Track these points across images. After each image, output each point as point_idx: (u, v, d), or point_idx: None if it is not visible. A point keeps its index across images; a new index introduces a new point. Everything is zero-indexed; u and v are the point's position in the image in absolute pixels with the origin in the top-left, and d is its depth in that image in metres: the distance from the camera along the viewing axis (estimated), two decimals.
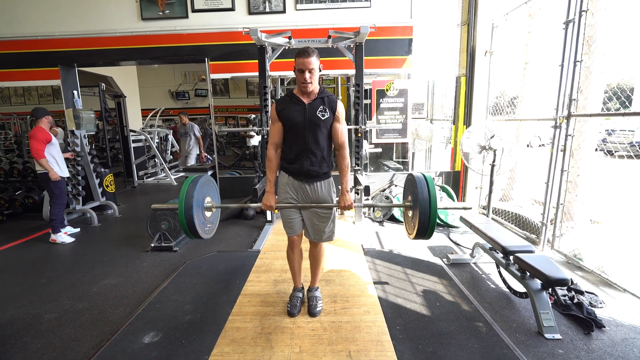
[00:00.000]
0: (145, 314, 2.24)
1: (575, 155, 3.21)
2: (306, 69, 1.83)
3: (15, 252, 3.55)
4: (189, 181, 1.94)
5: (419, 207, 1.82)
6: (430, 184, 1.84)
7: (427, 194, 1.81)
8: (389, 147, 5.18)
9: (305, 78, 1.85)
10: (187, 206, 1.84)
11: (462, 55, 4.61)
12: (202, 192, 2.00)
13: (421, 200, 1.81)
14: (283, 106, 1.95)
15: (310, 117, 1.91)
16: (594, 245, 3.00)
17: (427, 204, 1.80)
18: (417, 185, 1.85)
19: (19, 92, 11.58)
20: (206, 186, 2.08)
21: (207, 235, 2.07)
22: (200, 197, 1.97)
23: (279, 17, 4.61)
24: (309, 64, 1.83)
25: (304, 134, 1.94)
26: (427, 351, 1.84)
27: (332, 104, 1.94)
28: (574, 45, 2.84)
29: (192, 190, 1.89)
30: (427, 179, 1.87)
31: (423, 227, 1.84)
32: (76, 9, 4.73)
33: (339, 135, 1.98)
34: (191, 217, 1.85)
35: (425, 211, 1.80)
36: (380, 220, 4.26)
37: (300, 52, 1.84)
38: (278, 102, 2.00)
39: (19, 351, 1.95)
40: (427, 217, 1.80)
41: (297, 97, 1.94)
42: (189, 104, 13.23)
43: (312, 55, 1.83)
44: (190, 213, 1.84)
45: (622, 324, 2.09)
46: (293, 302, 2.20)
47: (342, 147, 1.99)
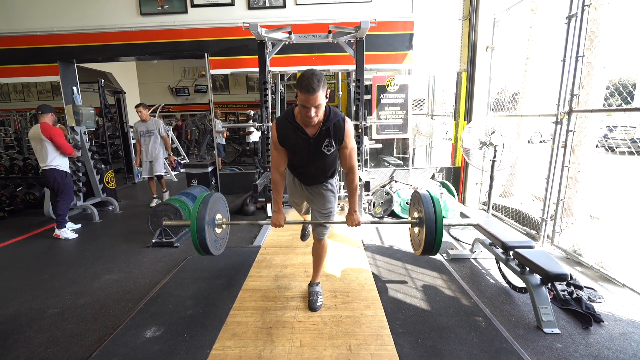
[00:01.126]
0: (147, 309, 2.26)
1: (576, 151, 3.20)
2: (311, 106, 1.62)
3: (17, 248, 3.56)
4: (199, 201, 1.99)
5: (426, 226, 1.85)
6: (436, 203, 1.86)
7: (434, 213, 1.84)
8: (390, 143, 5.18)
9: (311, 114, 1.64)
10: (199, 228, 1.89)
11: (463, 51, 4.58)
12: (213, 210, 2.06)
13: (428, 221, 1.84)
14: (285, 134, 1.79)
15: (314, 150, 1.81)
16: (593, 241, 3.01)
17: (434, 224, 1.82)
18: (424, 204, 1.88)
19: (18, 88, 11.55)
20: (217, 204, 2.14)
21: (218, 252, 2.12)
22: (211, 215, 2.04)
23: (279, 12, 4.58)
24: (314, 101, 1.60)
25: (311, 163, 1.89)
26: (427, 345, 1.86)
27: (339, 133, 1.78)
28: (576, 40, 2.82)
29: (203, 210, 1.93)
30: (433, 197, 1.89)
31: (429, 246, 1.87)
32: (75, 4, 4.70)
33: (347, 160, 1.89)
34: (203, 239, 1.92)
35: (431, 231, 1.83)
36: (380, 216, 4.27)
37: (304, 87, 1.57)
38: (279, 128, 1.80)
39: (22, 345, 1.97)
40: (433, 237, 1.84)
41: (301, 126, 1.76)
42: (188, 100, 13.20)
43: (318, 90, 1.58)
44: (203, 235, 1.91)
45: (621, 319, 2.10)
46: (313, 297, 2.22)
47: (350, 171, 1.91)
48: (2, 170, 5.03)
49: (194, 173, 5.04)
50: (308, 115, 1.64)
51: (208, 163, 5.13)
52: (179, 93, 13.05)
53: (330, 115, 1.76)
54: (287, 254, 3.04)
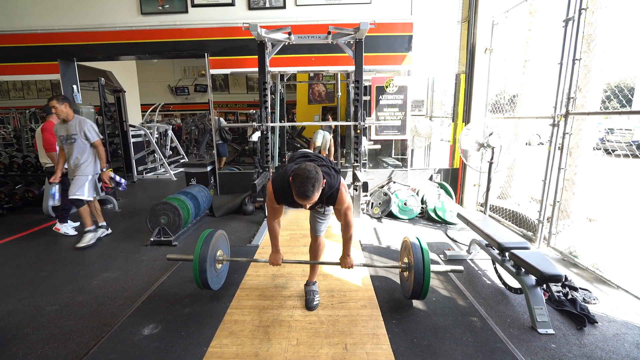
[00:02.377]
0: (145, 307, 2.27)
1: (573, 153, 3.23)
2: (307, 204, 1.68)
3: (16, 245, 3.56)
4: (202, 238, 2.19)
5: (414, 273, 2.03)
6: (424, 252, 2.06)
7: (422, 261, 2.03)
8: (388, 144, 5.20)
9: (306, 207, 1.72)
10: (201, 269, 2.13)
11: (462, 53, 4.61)
12: (215, 248, 2.25)
13: (416, 268, 2.03)
14: (281, 197, 1.84)
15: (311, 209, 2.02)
16: (589, 242, 3.03)
17: (422, 271, 2.01)
18: (414, 253, 2.07)
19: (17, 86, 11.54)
20: (218, 242, 2.32)
21: (217, 287, 2.32)
22: (212, 254, 2.22)
23: (279, 12, 4.60)
24: (310, 203, 1.65)
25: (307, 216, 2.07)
26: (422, 345, 1.87)
27: (332, 202, 1.87)
28: (573, 44, 2.84)
29: (205, 252, 2.14)
30: (422, 246, 2.09)
31: (417, 292, 2.05)
32: (76, 3, 4.71)
33: (342, 217, 1.99)
34: (205, 279, 2.15)
35: (419, 279, 2.02)
36: (378, 216, 4.28)
37: (299, 194, 1.60)
38: (276, 192, 1.84)
39: (20, 342, 1.98)
40: (420, 284, 2.02)
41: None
42: (188, 99, 13.21)
43: (311, 197, 1.61)
44: (205, 275, 2.14)
45: (615, 320, 2.12)
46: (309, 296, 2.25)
47: (346, 225, 2.01)
48: (1, 168, 5.03)
49: (192, 172, 5.05)
50: (304, 207, 1.72)
51: (207, 162, 5.14)
52: (178, 92, 13.07)
53: (325, 189, 1.77)
54: (284, 253, 3.02)
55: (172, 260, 2.55)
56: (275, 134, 4.62)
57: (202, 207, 4.11)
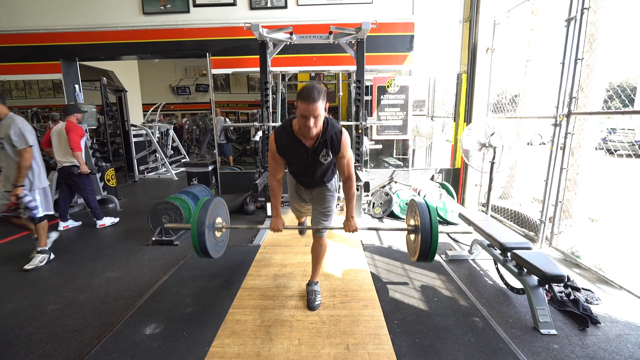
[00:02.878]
0: (147, 306, 2.27)
1: (575, 153, 3.22)
2: (311, 115, 1.64)
3: (17, 244, 3.58)
4: (200, 206, 2.04)
5: (421, 234, 1.92)
6: (432, 212, 1.93)
7: (429, 222, 1.90)
8: (390, 143, 5.19)
9: (310, 125, 1.66)
10: (199, 232, 1.96)
11: (464, 53, 4.60)
12: (213, 215, 2.12)
13: (423, 229, 1.91)
14: (284, 145, 1.85)
15: (312, 160, 1.86)
16: (591, 243, 3.02)
17: (429, 232, 1.89)
18: (420, 213, 1.94)
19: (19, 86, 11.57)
20: (217, 208, 2.19)
21: (217, 255, 2.17)
22: (211, 220, 2.09)
23: (281, 12, 4.60)
24: (314, 111, 1.62)
25: (309, 171, 1.95)
26: (424, 345, 1.87)
27: (336, 145, 1.83)
28: (576, 43, 2.83)
29: (203, 215, 1.99)
30: (429, 206, 1.96)
31: (424, 253, 1.93)
32: (78, 3, 4.72)
33: (345, 169, 1.94)
34: (203, 243, 1.98)
35: (426, 240, 1.90)
36: (379, 216, 4.28)
37: (304, 96, 1.61)
38: (277, 138, 1.85)
39: (22, 341, 1.98)
40: (428, 245, 1.90)
41: (299, 138, 1.81)
42: (189, 99, 13.22)
43: (318, 100, 1.61)
44: (203, 239, 1.97)
45: (617, 321, 2.12)
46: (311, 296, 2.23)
47: (349, 179, 1.97)
48: None
49: (194, 172, 5.05)
50: (307, 125, 1.67)
51: (208, 162, 5.14)
52: (180, 92, 13.08)
53: (328, 127, 1.80)
54: (286, 253, 3.05)
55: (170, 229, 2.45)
56: None
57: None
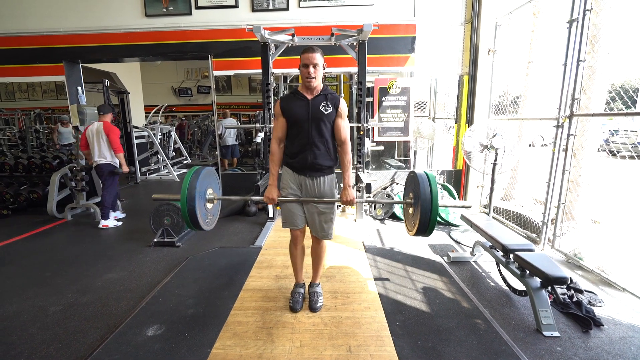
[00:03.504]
0: (149, 308, 2.27)
1: (577, 155, 3.21)
2: (310, 63, 1.91)
3: (20, 246, 3.59)
4: (191, 172, 1.95)
5: (421, 205, 1.83)
6: (432, 182, 1.85)
7: (429, 192, 1.82)
8: (391, 145, 5.19)
9: (310, 72, 1.92)
10: (189, 197, 1.85)
11: (465, 54, 4.60)
12: (204, 183, 2.01)
13: (423, 198, 1.82)
14: (287, 102, 2.03)
15: (313, 111, 1.98)
16: (594, 244, 3.01)
17: (429, 202, 1.81)
18: (420, 183, 1.86)
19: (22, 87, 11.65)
20: (208, 177, 2.08)
21: (208, 227, 2.07)
22: (202, 188, 1.98)
23: (283, 14, 4.61)
24: (313, 59, 1.91)
25: (307, 127, 1.99)
26: (427, 347, 1.87)
27: (335, 101, 2.01)
28: (577, 45, 2.83)
29: (194, 181, 1.90)
30: (429, 176, 1.88)
31: (424, 225, 1.85)
32: (80, 5, 4.75)
33: (341, 130, 2.03)
34: (193, 208, 1.86)
35: (426, 210, 1.81)
36: (381, 218, 4.27)
37: (306, 49, 1.95)
38: (282, 99, 2.07)
39: (25, 342, 1.99)
40: (428, 215, 1.81)
41: (301, 93, 2.02)
42: (191, 100, 13.26)
43: (317, 52, 1.93)
44: (193, 204, 1.86)
45: (621, 323, 2.10)
46: (295, 297, 2.23)
47: (344, 143, 2.04)
48: (6, 169, 5.07)
49: None
50: (307, 72, 1.91)
51: (210, 164, 5.15)
52: (181, 94, 13.11)
53: (327, 88, 2.05)
54: (288, 254, 3.03)
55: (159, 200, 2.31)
56: None
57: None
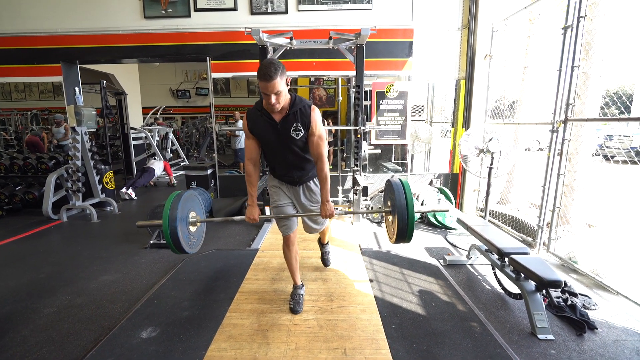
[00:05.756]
0: (144, 310, 2.26)
1: (572, 159, 3.24)
2: (271, 93, 1.65)
3: (15, 247, 3.56)
4: (172, 197, 1.96)
5: (397, 212, 1.87)
6: (407, 190, 1.88)
7: (405, 199, 1.86)
8: (388, 148, 5.21)
9: (272, 101, 1.68)
10: (171, 219, 1.86)
11: (462, 59, 4.64)
12: (186, 207, 2.03)
13: (399, 205, 1.86)
14: (254, 121, 1.84)
15: (284, 136, 1.83)
16: (589, 248, 3.03)
17: (405, 209, 1.85)
18: (395, 191, 1.90)
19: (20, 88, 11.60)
20: (190, 201, 2.09)
21: (191, 250, 2.08)
22: (184, 212, 2.00)
23: (281, 17, 4.64)
24: (273, 88, 1.63)
25: (284, 153, 1.90)
26: (422, 350, 1.87)
27: (305, 118, 1.81)
28: (572, 51, 2.87)
29: (175, 204, 1.91)
30: (404, 184, 1.92)
31: (402, 232, 1.89)
32: (79, 6, 4.75)
33: (314, 148, 1.89)
34: (175, 230, 1.86)
35: (403, 217, 1.85)
36: (378, 221, 4.28)
37: (261, 75, 1.61)
38: (249, 116, 1.86)
39: (17, 344, 1.97)
40: (405, 222, 1.85)
41: (268, 113, 1.82)
42: (189, 102, 13.26)
43: (275, 77, 1.61)
44: (174, 224, 1.86)
45: (615, 326, 2.12)
46: (295, 299, 2.22)
47: (318, 159, 1.92)
48: (1, 169, 5.04)
49: (193, 175, 5.05)
50: (269, 102, 1.69)
51: (207, 165, 5.14)
52: (180, 95, 13.12)
53: (295, 101, 1.81)
54: (281, 257, 3.04)
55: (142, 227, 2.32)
56: None
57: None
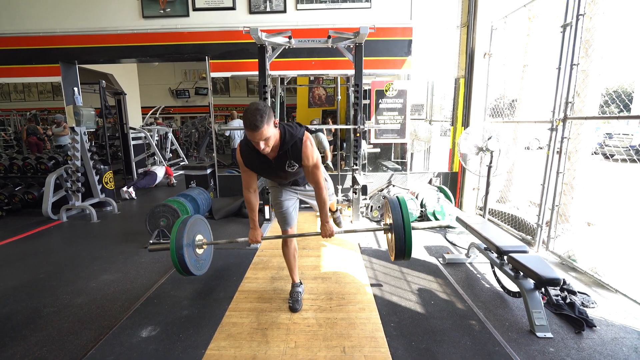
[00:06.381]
0: (144, 309, 2.27)
1: (571, 157, 3.24)
2: (259, 141, 1.64)
3: (15, 247, 3.57)
4: (178, 222, 2.07)
5: (394, 231, 1.89)
6: (403, 208, 1.91)
7: (401, 218, 1.88)
8: (388, 147, 5.21)
9: (260, 148, 1.67)
10: (177, 247, 1.96)
11: (461, 57, 4.64)
12: (192, 232, 2.12)
13: (396, 225, 1.89)
14: (249, 158, 1.84)
15: (279, 169, 1.87)
16: (588, 246, 3.03)
17: (402, 228, 1.88)
18: (391, 210, 1.93)
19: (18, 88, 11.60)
20: (196, 225, 2.19)
21: (199, 272, 2.17)
22: (190, 237, 2.09)
23: (280, 16, 4.63)
24: (260, 137, 1.61)
25: (280, 176, 1.96)
26: (420, 348, 1.87)
27: (298, 154, 1.81)
28: (571, 49, 2.87)
29: (181, 232, 2.01)
30: (400, 202, 1.94)
31: (400, 251, 1.92)
32: (77, 6, 4.74)
33: (310, 176, 1.91)
34: (182, 258, 1.97)
35: (400, 236, 1.88)
36: (377, 219, 4.28)
37: (247, 124, 1.59)
38: (242, 153, 1.85)
39: (18, 344, 1.98)
40: (402, 241, 1.88)
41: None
42: (189, 102, 13.25)
43: (261, 127, 1.58)
44: (181, 252, 1.97)
45: (613, 324, 2.12)
46: (294, 297, 2.23)
47: (316, 186, 1.94)
48: (1, 170, 5.04)
49: (192, 175, 5.05)
50: (258, 148, 1.67)
51: (207, 165, 5.15)
52: (179, 95, 13.12)
53: (286, 138, 1.77)
54: (280, 256, 3.05)
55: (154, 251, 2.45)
56: None
57: (202, 209, 4.12)
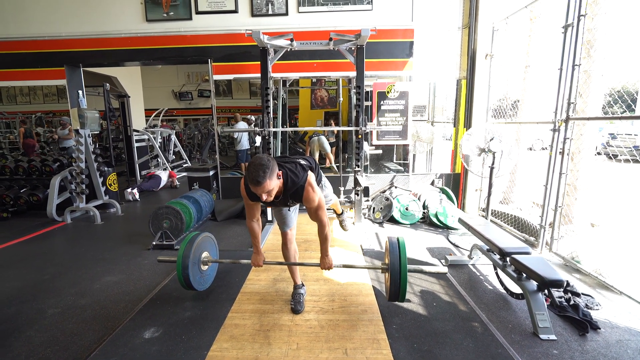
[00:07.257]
0: (146, 310, 2.28)
1: (574, 158, 3.22)
2: (263, 193, 1.68)
3: (20, 248, 3.60)
4: (186, 241, 2.24)
5: (391, 274, 1.93)
6: (402, 253, 1.94)
7: (398, 260, 1.92)
8: (390, 149, 5.22)
9: (263, 199, 1.73)
10: (183, 267, 2.16)
11: (463, 58, 4.64)
12: (198, 250, 2.28)
13: (392, 268, 1.93)
14: (253, 195, 1.85)
15: (282, 205, 2.03)
16: (592, 248, 3.01)
17: (398, 272, 1.91)
18: (390, 252, 1.96)
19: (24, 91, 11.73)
20: (203, 243, 2.35)
21: (201, 287, 2.35)
22: (196, 256, 2.27)
23: (282, 19, 4.66)
24: (263, 190, 1.66)
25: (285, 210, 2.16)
26: (423, 350, 1.87)
27: (299, 199, 1.92)
28: (573, 49, 2.86)
29: (188, 250, 2.18)
30: (399, 244, 1.98)
31: (394, 294, 1.97)
32: (82, 10, 4.80)
33: (313, 215, 2.00)
34: (187, 275, 2.18)
35: (395, 279, 1.92)
36: (380, 221, 4.28)
37: (251, 180, 1.63)
38: (247, 189, 1.87)
39: (23, 344, 1.99)
40: (397, 285, 1.92)
41: None
42: (192, 104, 13.34)
43: (264, 182, 1.63)
44: (187, 272, 2.17)
45: (617, 326, 2.10)
46: (296, 298, 2.24)
47: (320, 224, 2.00)
48: (6, 172, 5.09)
49: (195, 177, 5.08)
50: (261, 199, 1.74)
51: (210, 167, 5.17)
52: (182, 97, 13.20)
53: (288, 185, 1.85)
54: (276, 258, 3.05)
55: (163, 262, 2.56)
56: (277, 138, 4.65)
57: (204, 211, 4.14)
